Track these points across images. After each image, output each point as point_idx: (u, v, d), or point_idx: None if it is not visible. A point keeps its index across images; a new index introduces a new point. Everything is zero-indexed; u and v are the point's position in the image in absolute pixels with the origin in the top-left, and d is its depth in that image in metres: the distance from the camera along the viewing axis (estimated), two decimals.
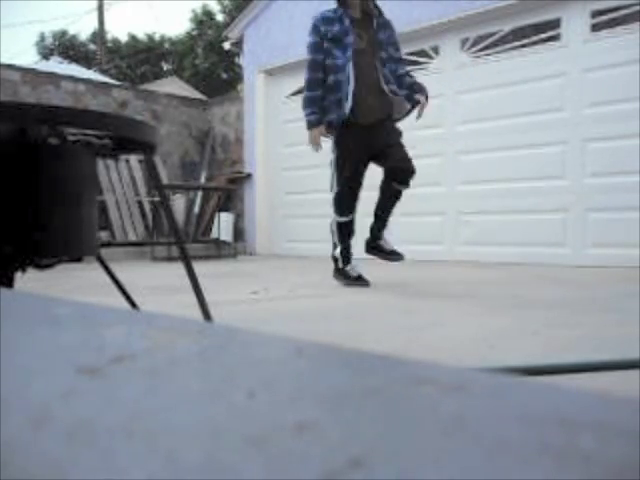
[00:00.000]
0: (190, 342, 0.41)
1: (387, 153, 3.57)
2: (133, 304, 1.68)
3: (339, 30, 3.54)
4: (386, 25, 3.72)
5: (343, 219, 3.68)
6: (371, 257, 3.81)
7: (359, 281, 3.65)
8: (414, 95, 3.62)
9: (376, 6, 3.70)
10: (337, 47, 3.53)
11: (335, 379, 0.32)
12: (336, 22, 3.56)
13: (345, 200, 3.66)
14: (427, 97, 3.65)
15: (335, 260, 3.75)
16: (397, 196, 3.64)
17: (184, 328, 0.45)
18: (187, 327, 0.45)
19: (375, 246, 3.73)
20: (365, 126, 3.54)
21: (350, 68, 3.48)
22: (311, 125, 3.56)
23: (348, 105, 3.47)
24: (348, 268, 3.69)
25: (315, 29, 3.57)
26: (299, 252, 7.00)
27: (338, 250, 3.71)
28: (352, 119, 3.49)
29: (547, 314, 2.35)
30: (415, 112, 3.65)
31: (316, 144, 3.58)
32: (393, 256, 3.71)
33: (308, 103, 3.57)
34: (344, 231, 3.70)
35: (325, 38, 3.53)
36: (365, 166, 3.67)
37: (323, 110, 3.58)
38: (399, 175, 3.55)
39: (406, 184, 3.58)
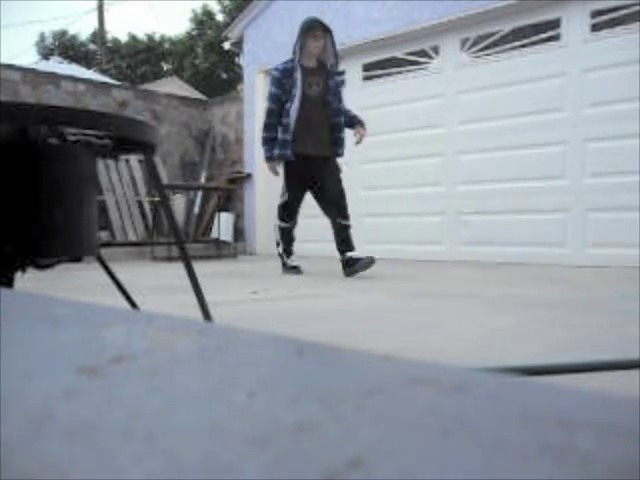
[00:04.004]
0: (190, 342, 0.41)
1: (324, 186, 4.28)
2: (133, 304, 1.68)
3: (294, 81, 4.20)
4: (333, 75, 4.35)
5: (284, 225, 4.46)
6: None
7: (294, 270, 4.44)
8: (355, 126, 4.43)
9: (335, 54, 4.35)
10: (291, 94, 4.21)
11: (335, 379, 0.32)
12: (292, 73, 4.22)
13: (287, 210, 4.41)
14: (364, 127, 4.45)
15: (280, 256, 4.56)
16: (346, 229, 4.25)
17: (184, 328, 0.45)
18: (187, 327, 0.45)
19: (352, 265, 4.18)
20: (306, 159, 4.25)
21: (296, 114, 4.19)
22: (268, 160, 4.38)
23: (290, 148, 4.23)
24: (288, 260, 4.51)
25: (277, 81, 4.25)
26: (299, 252, 6.97)
27: (281, 249, 4.53)
28: (294, 156, 4.22)
29: (547, 314, 2.35)
30: (354, 139, 4.41)
31: (275, 173, 4.42)
32: (366, 261, 4.17)
33: (265, 142, 4.37)
34: (285, 235, 4.49)
35: (284, 89, 4.23)
36: (304, 191, 4.40)
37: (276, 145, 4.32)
38: (337, 212, 4.23)
39: (346, 218, 4.24)
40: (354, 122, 4.44)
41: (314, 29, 4.22)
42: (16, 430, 0.24)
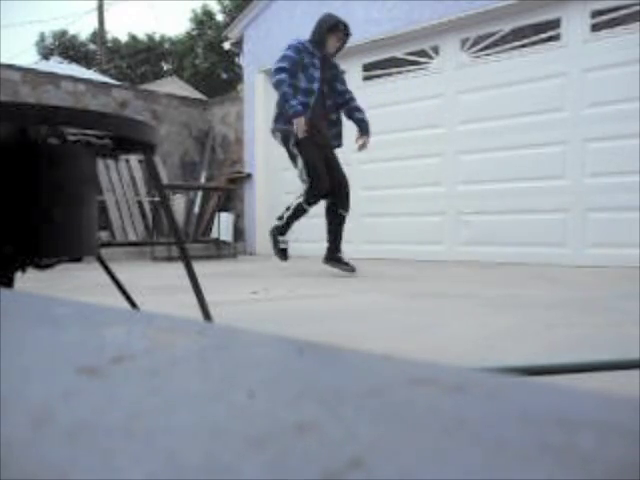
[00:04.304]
0: (190, 342, 0.41)
1: (333, 165, 4.18)
2: (133, 304, 1.68)
3: (310, 62, 4.12)
4: (333, 66, 4.34)
5: (307, 207, 4.15)
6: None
7: (281, 254, 4.25)
8: (360, 131, 4.33)
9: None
10: (304, 74, 4.09)
11: (335, 379, 0.32)
12: (309, 54, 4.14)
13: (315, 184, 4.08)
14: (369, 134, 4.34)
15: (273, 234, 4.27)
16: (343, 221, 4.21)
17: (184, 328, 0.45)
18: (187, 327, 0.45)
19: (333, 258, 4.22)
20: (316, 137, 4.11)
21: (313, 96, 4.09)
22: (300, 113, 3.97)
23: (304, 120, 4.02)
24: (280, 240, 4.24)
25: (297, 51, 4.09)
26: (299, 252, 7.00)
27: (281, 223, 4.21)
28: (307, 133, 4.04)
29: (547, 314, 2.35)
30: (357, 144, 4.30)
31: (304, 131, 3.99)
32: (349, 267, 4.16)
33: (291, 96, 3.98)
34: (298, 214, 4.17)
35: (301, 62, 4.10)
36: (324, 156, 4.14)
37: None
38: (342, 203, 4.15)
39: (347, 209, 4.19)
40: (359, 125, 4.32)
41: (340, 31, 4.20)
42: (16, 430, 0.24)
